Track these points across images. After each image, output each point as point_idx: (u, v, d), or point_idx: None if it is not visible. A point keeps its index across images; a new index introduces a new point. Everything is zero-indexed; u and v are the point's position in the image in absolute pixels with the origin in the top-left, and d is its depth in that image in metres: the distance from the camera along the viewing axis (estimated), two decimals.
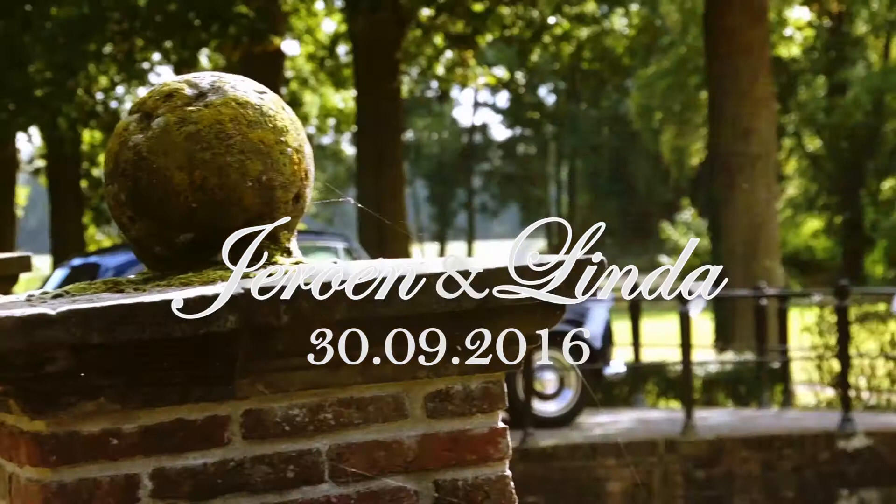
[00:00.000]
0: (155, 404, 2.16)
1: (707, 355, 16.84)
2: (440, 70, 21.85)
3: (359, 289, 2.19)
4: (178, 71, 19.72)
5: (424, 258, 2.52)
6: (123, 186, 2.37)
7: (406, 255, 20.98)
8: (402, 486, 2.28)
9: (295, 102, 25.99)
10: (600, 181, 58.73)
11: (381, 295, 2.21)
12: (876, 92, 42.29)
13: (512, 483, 2.36)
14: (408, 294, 2.22)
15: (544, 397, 12.17)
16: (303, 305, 2.17)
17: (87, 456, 2.14)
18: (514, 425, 12.03)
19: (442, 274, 2.24)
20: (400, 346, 2.27)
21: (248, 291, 2.14)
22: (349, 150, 44.11)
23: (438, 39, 21.40)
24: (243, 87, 2.42)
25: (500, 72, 24.74)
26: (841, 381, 12.00)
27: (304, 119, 26.88)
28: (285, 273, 2.28)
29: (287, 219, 2.42)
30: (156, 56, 20.60)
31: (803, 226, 46.80)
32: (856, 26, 45.29)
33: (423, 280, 2.23)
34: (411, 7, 20.06)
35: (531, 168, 61.39)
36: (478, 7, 20.00)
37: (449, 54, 21.56)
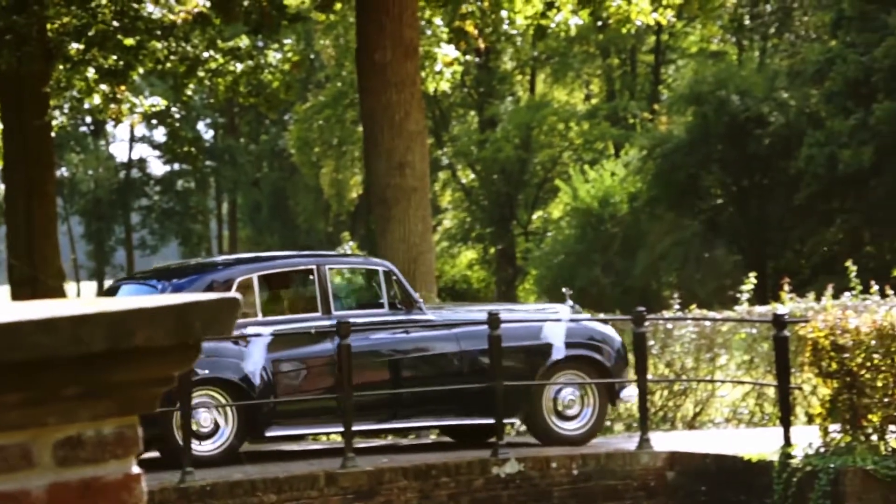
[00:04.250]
0: None
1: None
2: (96, 101, 21.32)
3: None
4: None
5: (74, 299, 2.44)
6: None
7: (61, 295, 20.31)
8: None
9: None
10: (261, 215, 58.69)
11: (4, 338, 2.12)
12: (524, 126, 43.87)
13: None
14: (33, 337, 2.14)
15: (564, 417, 12.31)
16: None
17: None
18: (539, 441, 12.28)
19: (72, 316, 2.18)
20: (26, 391, 2.19)
21: None
22: None
23: (91, 73, 20.88)
24: None
25: (157, 100, 24.22)
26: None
27: None
28: None
29: None
30: None
31: (459, 256, 47.98)
32: (502, 63, 46.89)
33: (50, 322, 2.16)
34: (59, 41, 19.52)
35: (191, 203, 60.72)
36: (129, 41, 19.63)
37: (102, 88, 21.08)
